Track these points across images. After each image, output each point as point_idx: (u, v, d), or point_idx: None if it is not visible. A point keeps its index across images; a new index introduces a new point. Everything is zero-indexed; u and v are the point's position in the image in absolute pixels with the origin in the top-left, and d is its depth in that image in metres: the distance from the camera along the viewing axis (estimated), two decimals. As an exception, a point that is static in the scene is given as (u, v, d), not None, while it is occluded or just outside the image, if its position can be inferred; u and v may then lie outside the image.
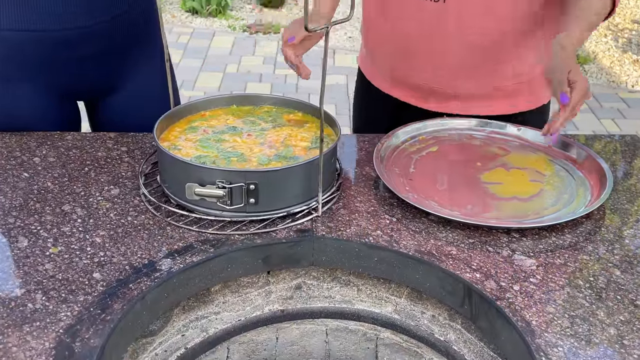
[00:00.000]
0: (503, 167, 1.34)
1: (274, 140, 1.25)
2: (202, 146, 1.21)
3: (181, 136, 1.26)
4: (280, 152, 1.20)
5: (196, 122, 1.29)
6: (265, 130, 1.28)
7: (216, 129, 1.27)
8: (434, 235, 1.13)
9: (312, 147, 1.23)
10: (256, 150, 1.21)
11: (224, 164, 1.16)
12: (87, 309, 0.96)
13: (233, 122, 1.30)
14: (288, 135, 1.27)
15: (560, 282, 1.04)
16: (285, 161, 1.18)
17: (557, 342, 0.92)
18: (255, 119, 1.31)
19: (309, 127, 1.30)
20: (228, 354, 1.14)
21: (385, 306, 1.15)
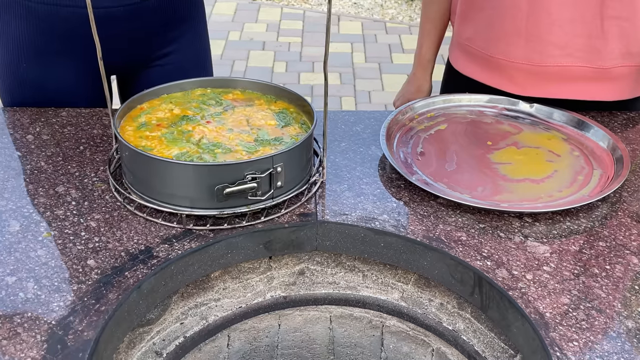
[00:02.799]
0: (514, 145, 1.29)
1: (238, 123, 1.17)
2: (170, 142, 1.11)
3: (137, 135, 1.14)
4: (260, 135, 1.14)
5: (141, 117, 1.18)
6: (218, 114, 1.19)
7: (168, 120, 1.17)
8: (443, 220, 1.08)
9: (281, 125, 1.17)
10: (231, 137, 1.13)
11: (212, 158, 1.07)
12: (81, 299, 0.92)
13: (180, 110, 1.20)
14: (247, 117, 1.19)
15: (575, 270, 0.99)
16: (271, 145, 1.11)
17: (572, 336, 0.88)
18: (198, 103, 1.23)
19: (259, 104, 1.24)
20: (229, 342, 1.10)
21: (392, 293, 1.11)
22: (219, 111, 1.20)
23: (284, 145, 1.11)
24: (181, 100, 1.23)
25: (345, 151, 1.26)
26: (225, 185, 1.00)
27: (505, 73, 1.42)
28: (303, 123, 1.18)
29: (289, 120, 1.19)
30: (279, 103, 1.24)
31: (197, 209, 1.04)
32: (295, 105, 1.23)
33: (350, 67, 4.18)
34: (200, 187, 1.03)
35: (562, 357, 0.85)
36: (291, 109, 1.22)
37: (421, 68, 1.67)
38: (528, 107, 1.39)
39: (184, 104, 1.22)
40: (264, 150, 1.10)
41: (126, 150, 1.07)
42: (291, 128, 1.17)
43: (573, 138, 1.32)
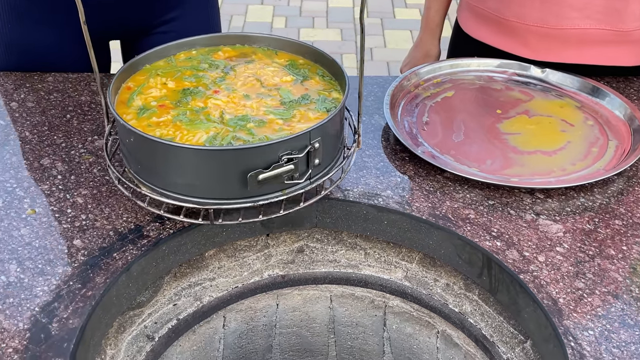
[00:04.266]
0: (525, 114, 1.22)
1: (251, 86, 1.02)
2: (189, 125, 0.93)
3: (144, 123, 0.95)
4: (284, 96, 0.99)
5: (135, 100, 0.98)
6: (222, 80, 1.02)
7: (169, 98, 0.99)
8: (450, 196, 1.02)
9: (300, 80, 1.03)
10: (253, 105, 0.97)
11: (249, 136, 0.91)
12: (66, 282, 0.87)
13: (175, 83, 1.01)
14: (256, 76, 1.03)
15: (590, 252, 0.94)
16: (302, 105, 0.97)
17: (587, 325, 0.83)
18: (190, 70, 1.04)
19: (259, 58, 1.08)
20: (224, 323, 1.06)
21: (395, 272, 1.05)
22: (220, 76, 1.04)
23: (316, 103, 0.97)
24: (168, 70, 1.05)
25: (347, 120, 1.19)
26: (259, 170, 0.85)
27: (518, 36, 1.34)
28: (323, 75, 1.03)
29: (305, 72, 1.04)
30: (281, 54, 1.09)
31: (224, 200, 0.88)
32: (302, 55, 1.08)
33: (351, 22, 4.07)
34: (230, 175, 0.86)
35: (576, 348, 0.80)
36: (299, 60, 1.07)
37: (429, 32, 1.58)
38: (540, 72, 1.32)
39: (174, 74, 1.04)
40: (300, 113, 0.95)
41: (138, 141, 0.88)
42: (312, 82, 1.02)
43: (587, 106, 1.25)
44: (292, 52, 1.08)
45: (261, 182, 0.85)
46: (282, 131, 0.92)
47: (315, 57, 1.06)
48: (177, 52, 1.08)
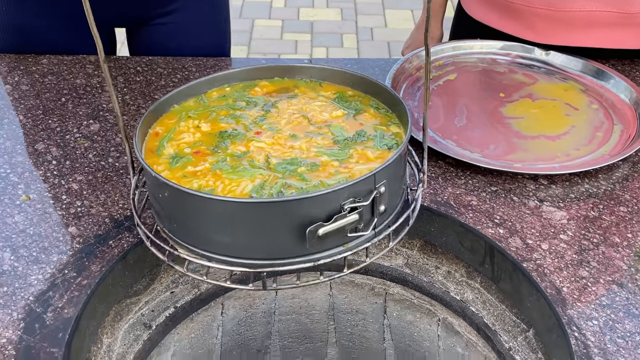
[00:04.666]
0: (529, 98, 1.20)
1: (297, 125, 0.87)
2: (231, 173, 0.78)
3: (178, 174, 0.80)
4: (337, 134, 0.84)
5: (166, 148, 0.83)
6: (263, 119, 0.88)
7: (204, 143, 0.84)
8: (452, 182, 1.00)
9: (352, 113, 0.88)
10: (302, 146, 0.83)
11: (301, 182, 0.76)
12: (61, 271, 0.86)
13: (210, 126, 0.87)
14: (301, 112, 0.89)
15: (594, 239, 0.92)
16: (359, 143, 0.83)
17: (591, 314, 0.82)
18: (225, 110, 0.90)
19: (303, 92, 0.93)
20: (222, 310, 1.04)
21: (396, 259, 1.04)
22: (261, 114, 0.89)
23: (374, 140, 0.83)
24: (201, 111, 0.90)
25: (347, 104, 1.17)
26: (319, 223, 0.69)
27: (523, 19, 1.31)
28: (377, 107, 0.90)
29: (357, 105, 0.90)
30: (326, 86, 0.94)
31: (278, 261, 0.74)
32: (350, 86, 0.94)
33: (352, 1, 4.02)
34: (284, 230, 0.72)
35: (580, 338, 0.79)
36: (348, 92, 0.93)
37: (432, 13, 1.56)
38: (543, 55, 1.29)
39: (208, 115, 0.89)
40: (357, 153, 0.82)
41: (174, 196, 0.74)
42: (366, 115, 0.88)
43: (592, 89, 1.22)
44: (339, 82, 0.94)
45: (321, 237, 0.71)
46: (339, 175, 0.78)
47: (366, 87, 0.92)
48: (209, 89, 0.93)
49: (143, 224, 0.80)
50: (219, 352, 1.09)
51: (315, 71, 0.95)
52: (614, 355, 0.77)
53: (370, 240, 0.77)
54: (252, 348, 1.14)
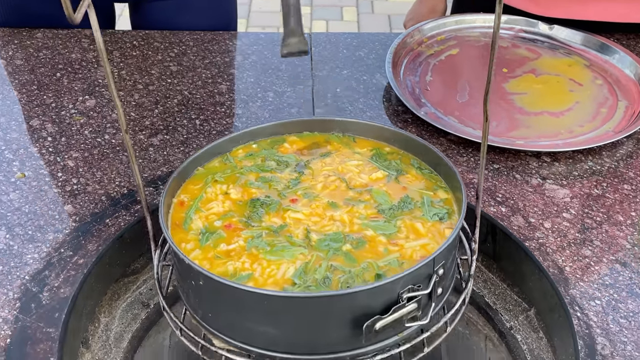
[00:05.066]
0: (532, 73, 1.18)
1: (334, 190, 0.80)
2: (269, 252, 0.71)
3: (210, 254, 0.73)
4: (380, 201, 0.78)
5: (194, 221, 0.76)
6: (296, 183, 0.80)
7: (237, 214, 0.76)
8: (454, 160, 0.99)
9: (394, 175, 0.81)
10: (344, 217, 0.76)
11: (347, 263, 0.69)
12: (57, 250, 0.84)
13: (240, 192, 0.79)
14: (338, 174, 0.81)
15: (597, 218, 0.91)
16: (405, 213, 0.76)
17: (594, 294, 0.81)
18: (258, 172, 0.82)
19: (336, 148, 0.86)
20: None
21: (396, 237, 1.03)
22: (294, 177, 0.82)
23: (422, 209, 0.76)
24: (228, 174, 0.82)
25: (347, 79, 1.15)
26: (377, 317, 0.63)
27: None
28: (419, 166, 0.82)
29: (397, 165, 0.83)
30: (360, 142, 0.87)
31: (327, 355, 0.67)
32: (386, 141, 0.86)
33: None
34: (335, 325, 0.66)
35: (582, 318, 0.78)
36: (385, 148, 0.85)
37: None
38: (547, 29, 1.27)
39: (237, 179, 0.81)
40: (405, 225, 0.75)
41: (210, 285, 0.66)
42: (409, 177, 0.81)
43: (596, 64, 1.20)
44: (374, 138, 0.87)
45: (377, 331, 0.64)
46: (390, 255, 0.71)
47: (405, 144, 0.85)
48: (234, 147, 0.86)
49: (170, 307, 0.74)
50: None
51: (347, 125, 0.88)
52: (617, 335, 0.76)
53: (429, 329, 0.71)
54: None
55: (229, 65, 1.19)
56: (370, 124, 0.87)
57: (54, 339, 0.74)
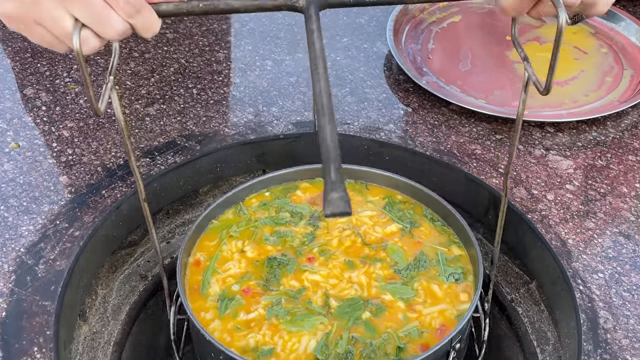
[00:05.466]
0: (536, 41, 1.15)
1: (350, 247, 0.80)
2: (289, 323, 0.71)
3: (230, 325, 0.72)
4: (397, 260, 0.78)
5: (212, 285, 0.76)
6: (312, 238, 0.80)
7: (254, 277, 0.76)
8: (456, 130, 0.97)
9: (408, 228, 0.82)
10: (361, 280, 0.76)
11: (368, 334, 0.71)
12: (53, 222, 0.83)
13: (255, 250, 0.79)
14: (350, 228, 0.82)
15: (601, 189, 0.89)
16: (421, 274, 0.77)
17: (597, 267, 0.80)
18: (272, 226, 0.82)
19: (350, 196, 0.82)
20: (220, 260, 1.02)
21: (397, 209, 1.01)
22: (308, 231, 0.81)
23: (438, 268, 0.77)
24: (243, 228, 0.82)
25: (347, 48, 1.12)
26: None
27: None
28: (432, 218, 0.84)
29: (410, 216, 0.84)
30: (372, 189, 0.87)
31: None
32: (398, 189, 0.87)
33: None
34: None
35: (585, 292, 0.77)
36: (397, 196, 0.86)
37: None
38: (552, -4, 1.24)
39: (251, 234, 0.81)
40: (423, 288, 0.76)
41: None
42: (423, 230, 0.82)
43: (601, 32, 1.18)
44: (386, 185, 0.87)
45: None
46: (409, 322, 0.72)
47: (416, 194, 0.86)
48: (247, 196, 0.86)
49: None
50: (217, 301, 1.08)
51: (359, 173, 0.88)
52: (620, 309, 0.75)
53: None
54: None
55: (226, 33, 1.17)
56: (382, 173, 0.87)
57: (50, 313, 0.73)
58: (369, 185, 0.88)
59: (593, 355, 0.71)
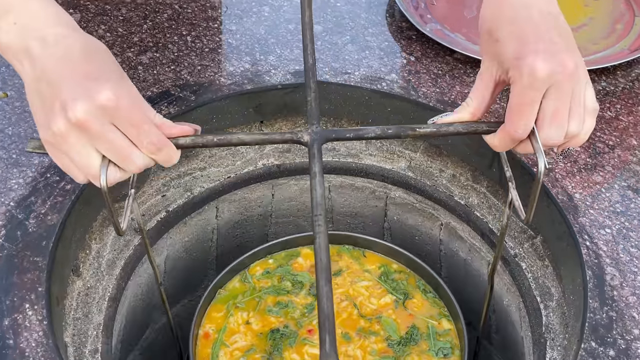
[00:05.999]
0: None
1: (348, 319, 0.87)
2: None
3: None
4: (389, 333, 0.85)
5: (220, 358, 0.83)
6: (313, 310, 0.87)
7: (257, 349, 0.84)
8: (460, 80, 0.94)
9: (401, 299, 0.89)
10: (357, 355, 0.83)
11: None
12: (43, 175, 0.81)
13: (260, 322, 0.87)
14: (350, 299, 0.89)
15: (610, 141, 0.87)
16: (411, 347, 0.84)
17: (604, 222, 0.78)
18: (275, 296, 0.90)
19: (347, 265, 0.93)
20: (217, 214, 1.00)
21: (398, 161, 0.99)
22: (308, 302, 0.88)
23: (428, 342, 0.84)
24: (247, 299, 0.89)
25: (348, -7, 1.08)
26: None
27: None
28: (424, 288, 0.91)
29: (403, 287, 0.91)
30: (370, 256, 0.95)
31: None
32: (393, 258, 0.95)
33: None
34: None
35: (592, 247, 0.75)
36: (393, 265, 0.93)
37: None
38: (562, -61, 1.18)
39: (256, 304, 0.88)
40: None
41: None
42: (415, 302, 0.89)
43: (613, -23, 1.13)
44: (382, 253, 0.95)
45: None
46: None
47: (409, 263, 0.93)
48: (251, 263, 0.94)
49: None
50: (215, 255, 1.06)
51: (358, 239, 0.95)
52: (627, 265, 0.73)
53: None
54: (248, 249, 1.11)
55: (222, -22, 1.12)
56: (377, 241, 0.95)
57: (42, 269, 0.72)
58: (366, 252, 0.95)
59: (599, 313, 0.69)
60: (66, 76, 0.56)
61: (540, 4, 0.60)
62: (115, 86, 0.56)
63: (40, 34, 0.57)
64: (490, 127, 0.61)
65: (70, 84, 0.56)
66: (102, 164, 0.57)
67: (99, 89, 0.55)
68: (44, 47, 0.57)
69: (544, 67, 0.56)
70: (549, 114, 0.58)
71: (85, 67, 0.57)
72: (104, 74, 0.57)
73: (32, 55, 0.57)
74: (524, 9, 0.60)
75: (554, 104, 0.57)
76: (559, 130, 0.58)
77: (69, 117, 0.55)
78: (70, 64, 0.56)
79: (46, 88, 0.56)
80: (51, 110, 0.56)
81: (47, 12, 0.59)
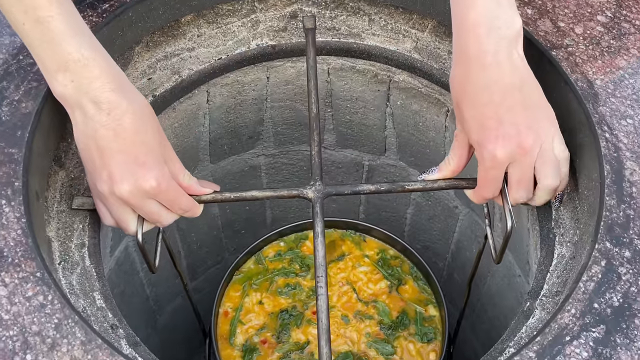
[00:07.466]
0: None
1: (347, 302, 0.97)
2: None
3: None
4: (382, 316, 0.95)
5: (237, 335, 0.94)
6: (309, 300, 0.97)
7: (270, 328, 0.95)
8: None
9: (395, 285, 0.98)
10: (353, 334, 0.93)
11: None
12: (15, 57, 0.74)
13: (271, 302, 0.97)
14: (350, 283, 0.98)
15: (637, 21, 0.79)
16: (400, 330, 0.93)
17: (626, 112, 0.72)
18: (285, 277, 0.99)
19: (349, 249, 1.02)
20: (208, 98, 0.94)
21: (404, 42, 0.91)
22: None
23: (415, 326, 0.93)
24: (261, 280, 0.99)
25: None
26: None
27: None
28: (416, 275, 0.99)
29: (398, 273, 0.99)
30: (370, 242, 1.02)
31: None
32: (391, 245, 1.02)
33: None
34: None
35: (611, 140, 0.70)
36: (390, 251, 1.01)
37: None
38: None
39: (268, 285, 0.98)
40: (400, 346, 0.92)
41: None
42: (407, 288, 0.98)
43: None
44: (381, 240, 1.02)
45: None
46: None
47: (405, 252, 1.01)
48: (265, 245, 1.02)
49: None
50: (207, 140, 1.01)
51: (359, 226, 1.03)
52: (648, 159, 0.68)
53: None
54: (243, 135, 1.05)
55: None
56: (376, 229, 1.02)
57: (18, 161, 0.66)
58: (366, 238, 1.02)
59: (615, 211, 0.65)
60: (115, 151, 0.63)
61: (504, 76, 0.63)
62: (159, 174, 0.64)
63: (95, 97, 0.62)
64: (469, 184, 0.71)
65: (119, 163, 0.63)
66: (138, 223, 0.67)
67: (146, 177, 0.64)
68: (97, 111, 0.62)
69: (503, 152, 0.63)
70: (515, 181, 0.66)
71: (134, 150, 0.63)
72: (150, 160, 0.64)
73: (86, 114, 0.62)
74: (484, 90, 0.63)
75: (518, 172, 0.65)
76: (526, 191, 0.67)
77: (114, 191, 0.64)
78: (119, 140, 0.63)
79: (95, 152, 0.63)
80: (99, 176, 0.64)
81: (102, 78, 0.62)
